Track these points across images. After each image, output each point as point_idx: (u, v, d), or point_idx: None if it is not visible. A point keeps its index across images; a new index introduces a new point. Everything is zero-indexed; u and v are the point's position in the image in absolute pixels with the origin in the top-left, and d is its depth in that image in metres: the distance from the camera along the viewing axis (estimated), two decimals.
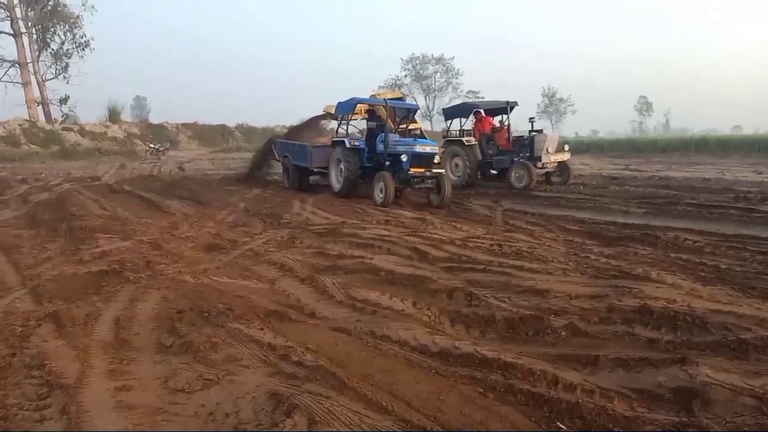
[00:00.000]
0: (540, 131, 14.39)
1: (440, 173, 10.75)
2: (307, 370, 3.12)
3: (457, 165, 14.48)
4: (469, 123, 15.45)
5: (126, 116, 43.59)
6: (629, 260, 5.70)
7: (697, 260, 5.64)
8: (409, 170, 10.52)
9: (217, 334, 3.66)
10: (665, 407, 2.80)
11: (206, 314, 4.02)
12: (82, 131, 33.65)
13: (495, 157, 14.37)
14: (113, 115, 38.18)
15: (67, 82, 37.90)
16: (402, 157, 10.60)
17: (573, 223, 8.30)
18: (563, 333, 3.75)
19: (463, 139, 14.49)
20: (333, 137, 12.79)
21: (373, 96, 16.23)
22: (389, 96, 16.36)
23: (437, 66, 58.41)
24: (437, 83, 58.77)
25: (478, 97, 58.31)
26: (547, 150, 13.53)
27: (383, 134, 11.45)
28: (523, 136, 14.45)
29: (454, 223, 8.32)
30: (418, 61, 58.08)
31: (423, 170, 10.60)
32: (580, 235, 7.32)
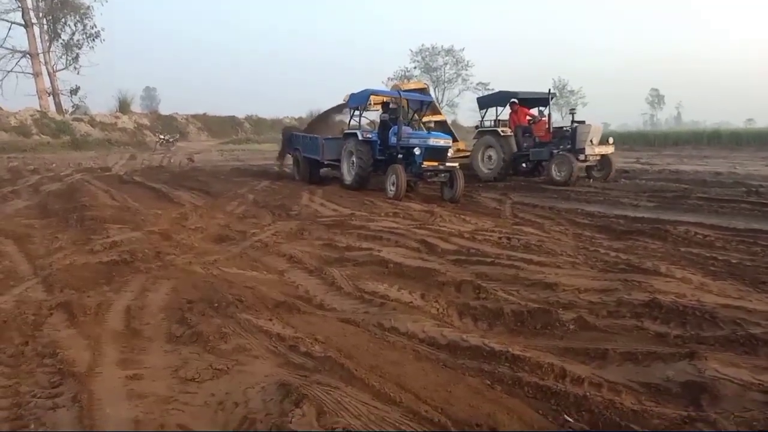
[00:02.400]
0: (582, 122, 13.49)
1: (454, 167, 10.71)
2: (316, 361, 3.15)
3: (490, 157, 13.96)
4: (504, 113, 14.78)
5: (136, 107, 43.81)
6: (639, 254, 5.68)
7: (708, 254, 5.61)
8: (422, 164, 10.48)
9: (227, 324, 3.69)
10: (673, 401, 2.79)
11: (216, 305, 4.05)
12: (92, 122, 33.82)
13: (532, 150, 13.72)
14: (123, 106, 38.33)
15: (78, 73, 38.09)
16: (415, 150, 10.55)
17: (582, 217, 8.27)
18: (572, 326, 3.75)
19: (499, 129, 13.87)
20: (345, 129, 12.76)
21: (396, 87, 15.98)
22: (413, 87, 16.04)
23: (447, 57, 58.18)
24: (447, 75, 58.54)
25: (488, 89, 57.98)
26: (591, 141, 12.78)
27: (396, 127, 11.41)
28: (562, 127, 13.76)
29: (462, 216, 8.31)
30: (427, 53, 57.86)
31: (437, 164, 10.55)
32: (589, 229, 7.30)
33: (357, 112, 12.59)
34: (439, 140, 10.73)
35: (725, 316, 3.74)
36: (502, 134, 13.70)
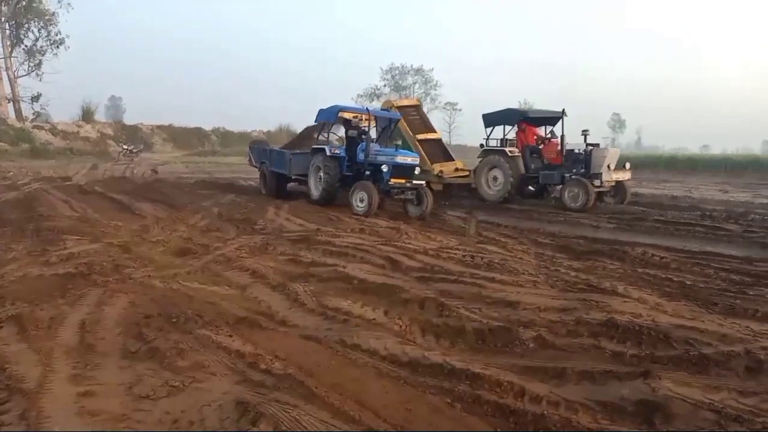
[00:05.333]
0: (597, 145, 12.91)
1: (420, 184, 10.80)
2: (276, 378, 3.11)
3: (495, 178, 13.36)
4: (511, 132, 14.22)
5: (100, 116, 43.00)
6: (598, 274, 5.81)
7: (663, 276, 5.77)
8: (389, 181, 10.54)
9: (185, 340, 3.62)
10: (628, 420, 2.85)
11: (174, 320, 3.97)
12: (53, 130, 33.04)
13: (542, 172, 13.10)
14: (86, 115, 37.56)
15: (40, 80, 37.24)
16: (383, 167, 10.61)
17: (544, 236, 8.42)
18: (531, 345, 3.80)
19: (507, 149, 13.29)
20: (313, 145, 12.73)
21: (388, 102, 15.85)
22: (407, 103, 15.96)
23: (416, 77, 58.87)
24: (416, 94, 59.19)
25: (456, 109, 58.95)
26: (608, 167, 12.15)
27: (364, 143, 11.46)
28: (573, 149, 13.00)
29: (428, 234, 8.37)
30: (397, 71, 58.49)
31: (404, 181, 10.62)
32: (551, 249, 7.43)
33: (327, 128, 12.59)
34: (407, 158, 10.82)
35: (679, 336, 3.84)
36: (510, 154, 13.13)
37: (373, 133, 12.61)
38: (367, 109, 13.03)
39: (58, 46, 37.62)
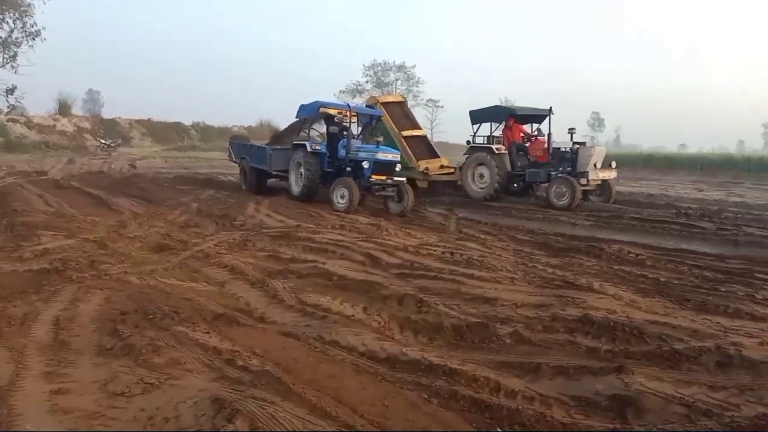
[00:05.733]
0: (583, 143, 12.90)
1: (401, 181, 10.82)
2: (253, 375, 3.09)
3: (482, 175, 13.24)
4: (498, 129, 14.08)
5: (77, 110, 42.32)
6: (574, 271, 5.88)
7: (638, 272, 5.86)
8: (370, 177, 10.55)
9: (161, 337, 3.58)
10: (601, 414, 2.90)
11: (151, 316, 3.93)
12: (29, 123, 32.42)
13: (528, 170, 13.03)
14: (63, 108, 36.89)
15: (15, 72, 36.17)
16: (364, 164, 10.61)
17: (523, 233, 8.50)
18: (508, 340, 3.84)
19: (493, 146, 13.20)
20: (294, 140, 12.66)
21: (373, 98, 15.67)
22: (391, 99, 15.82)
23: (398, 73, 58.72)
24: (398, 91, 59.14)
25: (438, 107, 58.95)
26: (594, 165, 12.09)
27: (345, 139, 11.44)
28: (560, 148, 12.89)
29: (408, 230, 8.39)
30: (379, 68, 58.27)
31: (385, 178, 10.63)
32: (529, 245, 7.51)
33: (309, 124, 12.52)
34: (388, 154, 10.85)
35: (652, 332, 3.91)
36: (496, 152, 13.03)
37: (354, 130, 12.59)
38: (348, 105, 13.00)
39: (33, 38, 36.51)
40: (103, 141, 29.71)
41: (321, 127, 13.05)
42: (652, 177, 25.48)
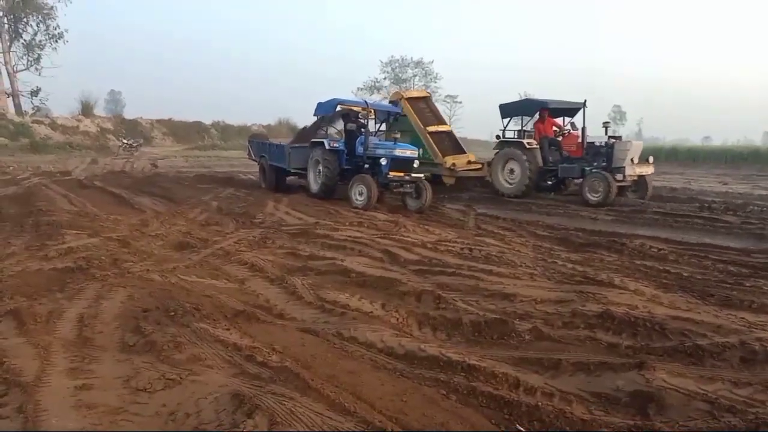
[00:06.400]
0: (619, 137, 12.45)
1: (419, 177, 10.79)
2: (272, 371, 3.12)
3: (512, 171, 12.86)
4: (529, 123, 13.74)
5: (100, 111, 42.77)
6: (595, 266, 5.82)
7: (661, 267, 5.78)
8: (388, 174, 10.54)
9: (182, 333, 3.63)
10: (621, 411, 2.87)
11: (172, 313, 3.99)
12: (53, 125, 32.95)
13: (561, 165, 12.63)
14: (86, 109, 37.41)
15: (39, 74, 37.11)
16: (381, 160, 10.60)
17: (543, 229, 8.43)
18: (527, 337, 3.81)
19: (524, 141, 12.79)
20: (313, 138, 12.68)
21: (397, 94, 15.46)
22: (416, 95, 15.58)
23: (416, 69, 58.57)
24: (416, 87, 58.97)
25: (456, 102, 58.65)
26: (631, 160, 11.67)
27: (363, 136, 11.45)
28: (594, 142, 12.51)
29: (426, 227, 8.38)
30: (397, 64, 58.18)
31: (402, 174, 10.62)
32: (549, 241, 7.44)
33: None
34: (405, 151, 10.81)
35: (674, 328, 3.86)
36: (528, 147, 12.61)
37: (372, 127, 12.58)
38: (365, 101, 12.98)
39: (57, 41, 37.46)
40: (125, 141, 30.07)
41: (338, 125, 13.06)
42: (675, 170, 25.04)
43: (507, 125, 13.84)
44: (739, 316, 4.21)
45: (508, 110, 13.98)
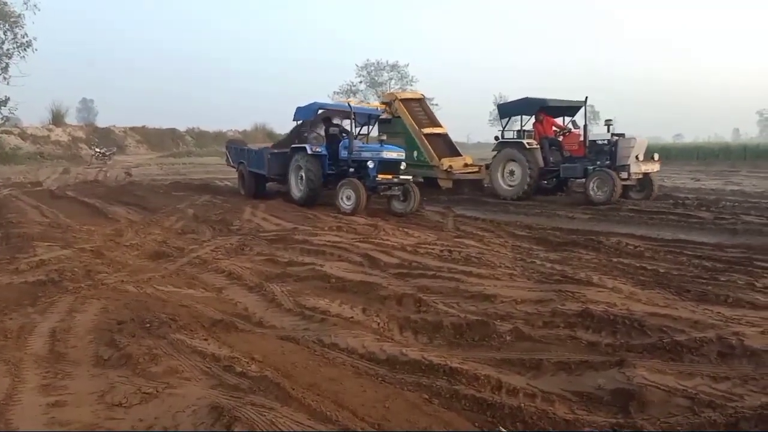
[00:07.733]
0: (622, 135, 12.04)
1: (407, 180, 10.62)
2: (251, 381, 3.06)
3: (512, 172, 12.58)
4: (528, 123, 13.49)
5: (71, 119, 42.04)
6: (573, 265, 5.86)
7: (638, 265, 5.84)
8: (376, 177, 10.33)
9: (159, 345, 3.55)
10: (604, 409, 2.88)
11: (148, 325, 3.90)
12: (23, 134, 32.29)
13: (562, 165, 12.40)
14: (57, 118, 36.73)
15: (8, 83, 36.14)
16: (369, 163, 10.40)
17: (521, 229, 8.48)
18: (508, 338, 3.81)
19: (524, 141, 12.52)
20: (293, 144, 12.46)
21: (391, 95, 15.34)
22: (409, 96, 15.41)
23: (392, 73, 58.61)
24: (392, 89, 59.07)
25: (433, 105, 58.86)
26: (636, 158, 11.40)
27: (347, 140, 11.28)
28: (596, 140, 12.17)
29: (405, 230, 8.36)
30: (373, 68, 58.18)
31: (390, 176, 10.41)
32: (527, 241, 7.49)
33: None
34: (392, 153, 10.65)
35: (653, 324, 3.89)
36: (527, 147, 12.33)
37: (353, 131, 12.45)
38: (349, 105, 12.84)
39: (25, 49, 36.48)
40: (97, 150, 29.56)
41: (320, 129, 12.90)
42: None
43: (506, 125, 13.69)
44: (715, 311, 4.27)
45: (506, 110, 13.85)
